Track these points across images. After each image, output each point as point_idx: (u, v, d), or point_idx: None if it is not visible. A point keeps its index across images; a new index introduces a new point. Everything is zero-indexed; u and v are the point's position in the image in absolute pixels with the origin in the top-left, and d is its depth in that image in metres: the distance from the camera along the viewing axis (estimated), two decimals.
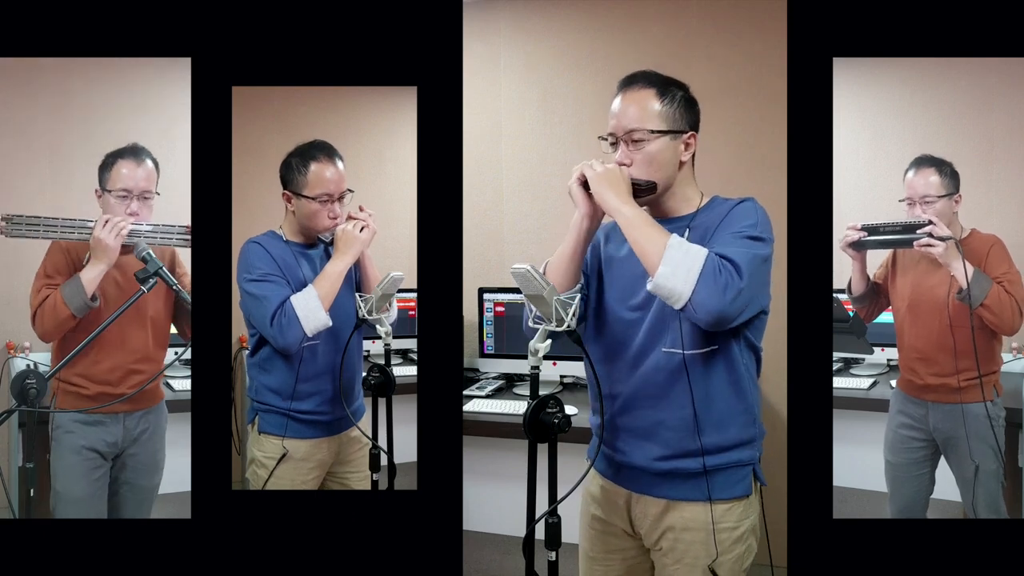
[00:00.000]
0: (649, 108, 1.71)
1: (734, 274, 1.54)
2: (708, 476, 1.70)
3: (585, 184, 1.69)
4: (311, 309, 2.17)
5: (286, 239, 2.34)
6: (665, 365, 1.70)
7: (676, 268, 1.54)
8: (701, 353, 1.69)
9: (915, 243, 2.39)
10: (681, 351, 1.68)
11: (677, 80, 1.77)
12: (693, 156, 1.77)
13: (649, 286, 1.59)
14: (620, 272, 1.78)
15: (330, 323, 2.21)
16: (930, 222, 2.40)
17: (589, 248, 1.80)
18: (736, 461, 1.73)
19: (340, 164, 2.31)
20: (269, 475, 2.27)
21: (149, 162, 2.35)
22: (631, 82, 1.75)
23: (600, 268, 1.84)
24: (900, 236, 2.44)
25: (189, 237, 2.32)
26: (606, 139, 1.76)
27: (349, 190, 2.32)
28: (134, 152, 2.33)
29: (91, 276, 2.21)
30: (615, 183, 1.66)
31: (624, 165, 1.72)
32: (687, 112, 1.74)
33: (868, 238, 2.49)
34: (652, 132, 1.70)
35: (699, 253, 1.55)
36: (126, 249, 2.30)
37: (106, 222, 2.20)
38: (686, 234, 1.69)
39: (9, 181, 3.53)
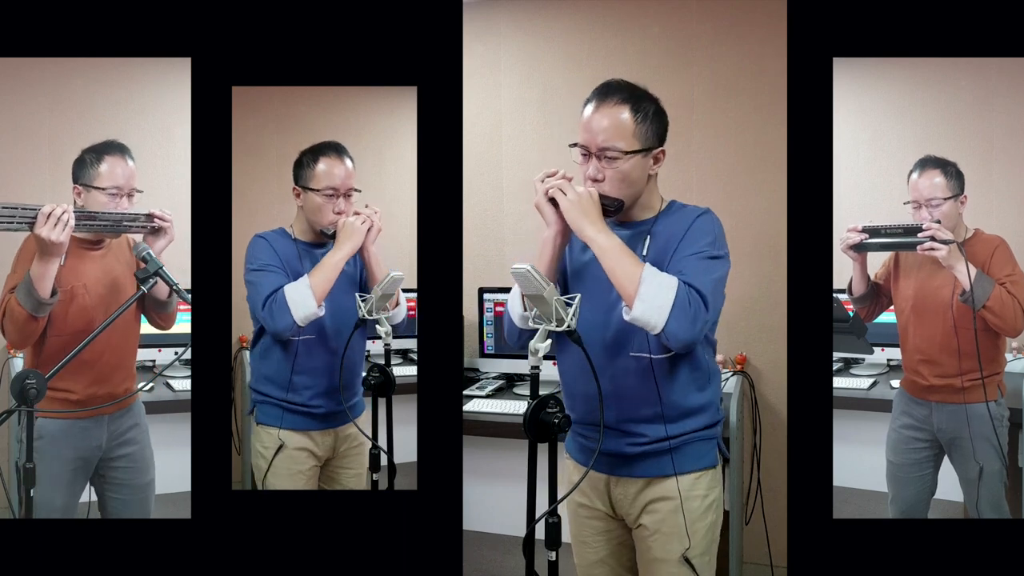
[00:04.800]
0: (624, 126, 1.73)
1: (702, 306, 1.65)
2: (674, 452, 1.80)
3: (554, 201, 1.74)
4: (302, 297, 2.21)
5: (294, 236, 2.39)
6: (634, 368, 1.78)
7: (650, 303, 1.63)
8: (667, 357, 1.76)
9: (918, 247, 2.38)
10: (648, 355, 1.76)
11: (648, 93, 1.80)
12: None
13: (626, 317, 1.66)
14: (589, 276, 1.82)
15: (320, 313, 2.24)
16: (936, 222, 2.39)
17: None
18: (700, 437, 1.83)
19: (349, 163, 2.36)
20: (268, 465, 2.31)
21: (130, 159, 2.27)
22: (605, 95, 1.76)
23: (566, 272, 1.88)
24: (902, 239, 2.43)
25: (141, 224, 2.23)
26: (577, 147, 1.78)
27: (356, 189, 2.35)
28: (120, 149, 2.26)
29: (39, 273, 2.07)
30: (588, 210, 1.71)
31: (596, 181, 1.76)
32: (657, 127, 1.77)
33: (869, 240, 2.48)
34: (627, 153, 1.73)
35: (670, 286, 1.64)
36: (95, 245, 2.27)
37: (48, 216, 2.04)
38: (647, 240, 1.78)
39: (10, 181, 3.53)
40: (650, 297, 1.63)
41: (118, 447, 2.35)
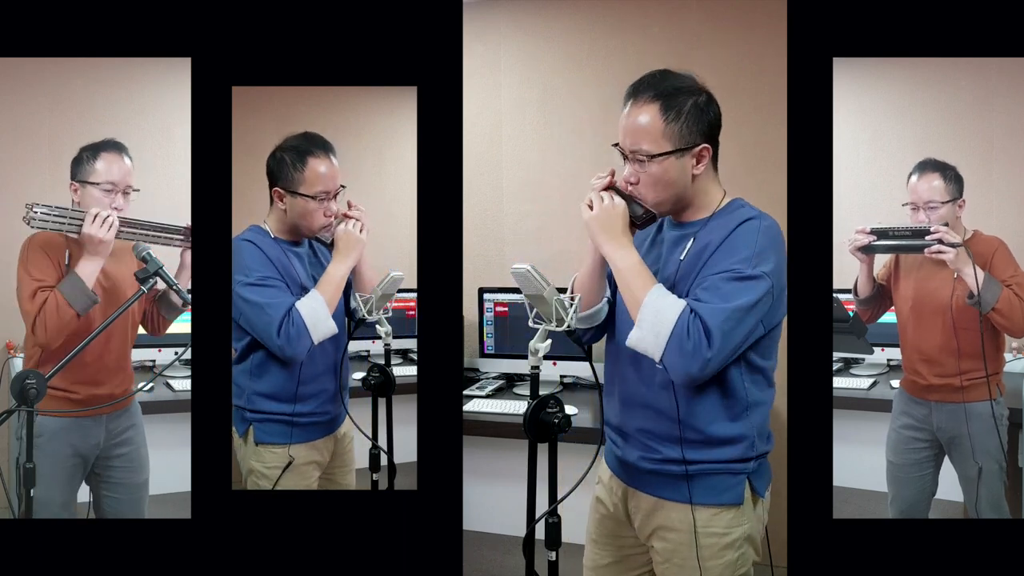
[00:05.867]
0: (652, 127, 1.62)
1: (703, 341, 1.51)
2: (691, 480, 1.68)
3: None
4: (319, 317, 2.10)
5: (273, 236, 2.23)
6: (658, 379, 1.68)
7: (646, 332, 1.55)
8: None
9: (926, 250, 2.38)
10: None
11: (690, 84, 1.66)
12: (715, 159, 1.69)
13: (627, 343, 1.60)
14: None
15: (337, 331, 2.16)
16: (945, 225, 2.40)
17: None
18: (724, 469, 1.68)
19: (334, 159, 2.21)
20: (274, 485, 2.20)
21: (127, 158, 2.28)
22: (637, 92, 1.65)
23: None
24: (910, 242, 2.43)
25: (180, 237, 2.30)
26: (618, 148, 1.69)
27: (342, 185, 2.23)
28: (116, 147, 2.27)
29: (89, 271, 2.14)
30: (608, 226, 1.64)
31: (632, 184, 1.67)
32: (698, 122, 1.63)
33: (877, 242, 2.49)
34: (653, 156, 1.62)
35: (671, 314, 1.53)
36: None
37: (95, 216, 2.13)
38: (689, 244, 1.67)
39: (10, 182, 3.53)
40: (647, 325, 1.55)
41: (115, 447, 2.37)
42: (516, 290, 1.79)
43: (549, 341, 1.67)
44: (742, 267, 1.56)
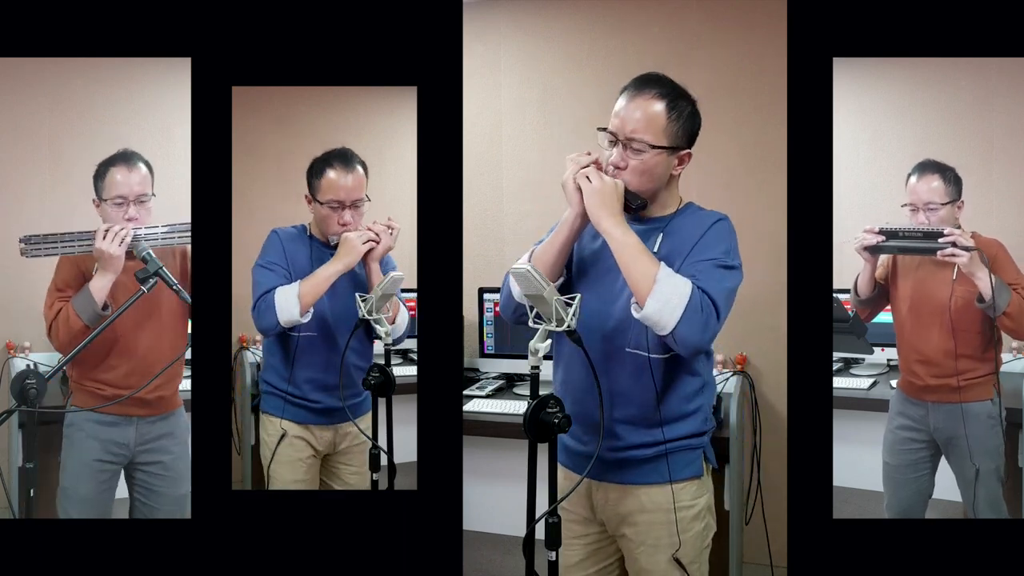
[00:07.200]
0: (656, 121, 1.73)
1: (713, 314, 1.65)
2: (657, 460, 1.78)
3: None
4: (288, 303, 2.28)
5: (310, 234, 2.47)
6: (628, 365, 1.76)
7: (663, 305, 1.62)
8: (665, 358, 1.75)
9: (939, 252, 2.36)
10: (646, 354, 1.74)
11: (687, 92, 1.79)
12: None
13: (636, 315, 1.65)
14: (595, 264, 1.81)
15: (303, 320, 2.31)
16: (958, 227, 2.39)
17: None
18: (687, 445, 1.81)
19: (359, 171, 2.41)
20: (272, 454, 2.40)
21: (142, 166, 2.33)
22: (643, 86, 1.76)
23: (572, 256, 1.86)
24: (922, 244, 2.41)
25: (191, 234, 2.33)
26: (605, 132, 1.78)
27: (367, 197, 2.40)
28: (125, 158, 2.32)
29: (99, 286, 2.22)
30: (609, 202, 1.70)
31: (619, 168, 1.75)
32: (689, 128, 1.77)
33: (887, 243, 2.47)
34: (653, 147, 1.73)
35: (684, 288, 1.63)
36: (132, 255, 2.31)
37: (106, 232, 2.20)
38: (660, 237, 1.77)
39: (10, 182, 3.53)
40: (664, 298, 1.62)
41: (148, 453, 2.38)
42: None
43: (549, 341, 1.67)
44: (724, 258, 1.72)
